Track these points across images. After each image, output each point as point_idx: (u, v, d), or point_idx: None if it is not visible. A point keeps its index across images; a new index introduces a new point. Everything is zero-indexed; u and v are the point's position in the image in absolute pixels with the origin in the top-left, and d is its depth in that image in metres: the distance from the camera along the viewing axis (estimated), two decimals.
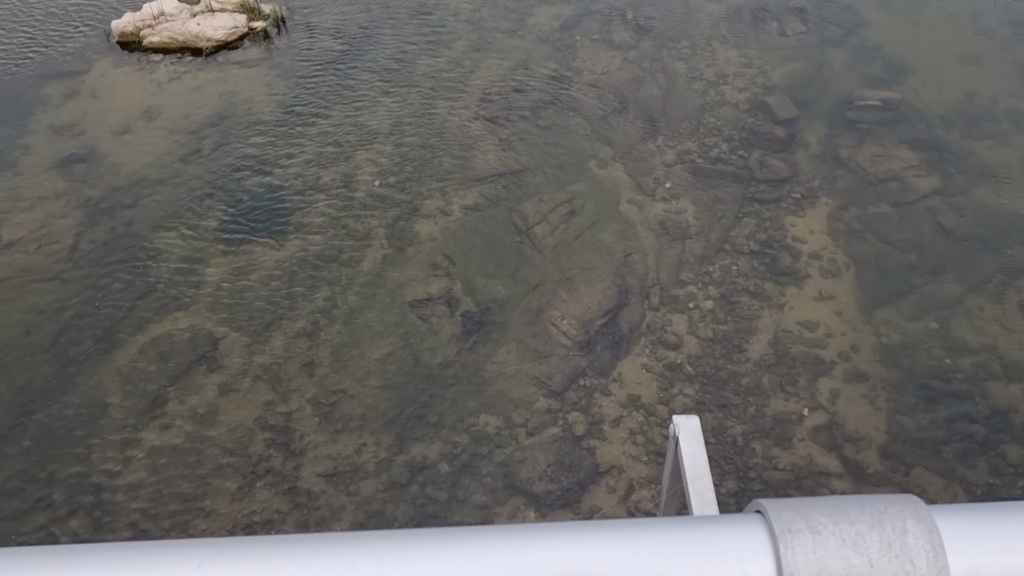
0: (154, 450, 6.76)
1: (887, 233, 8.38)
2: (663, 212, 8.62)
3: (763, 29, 10.91)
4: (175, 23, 10.78)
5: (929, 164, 9.04)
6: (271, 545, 0.95)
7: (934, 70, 10.20)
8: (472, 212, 8.59)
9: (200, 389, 7.16)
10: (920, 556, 0.89)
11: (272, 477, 6.61)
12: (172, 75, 10.36)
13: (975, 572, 0.90)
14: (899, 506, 0.94)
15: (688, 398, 7.11)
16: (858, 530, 0.91)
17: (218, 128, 9.59)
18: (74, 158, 9.25)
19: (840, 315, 7.69)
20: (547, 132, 9.49)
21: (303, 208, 8.63)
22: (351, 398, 7.09)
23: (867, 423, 6.94)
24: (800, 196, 8.77)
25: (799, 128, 9.51)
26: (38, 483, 6.55)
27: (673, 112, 9.72)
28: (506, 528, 0.97)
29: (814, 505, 0.95)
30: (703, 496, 1.73)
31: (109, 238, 8.39)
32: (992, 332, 7.53)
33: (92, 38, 10.93)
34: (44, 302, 7.82)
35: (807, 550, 0.90)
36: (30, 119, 9.76)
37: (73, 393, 7.13)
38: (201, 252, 8.24)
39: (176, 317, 7.68)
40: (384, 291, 7.86)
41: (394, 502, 6.46)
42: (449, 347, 7.45)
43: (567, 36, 10.84)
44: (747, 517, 0.96)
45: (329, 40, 10.85)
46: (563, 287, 7.90)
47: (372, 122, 9.63)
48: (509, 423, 6.94)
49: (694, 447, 1.82)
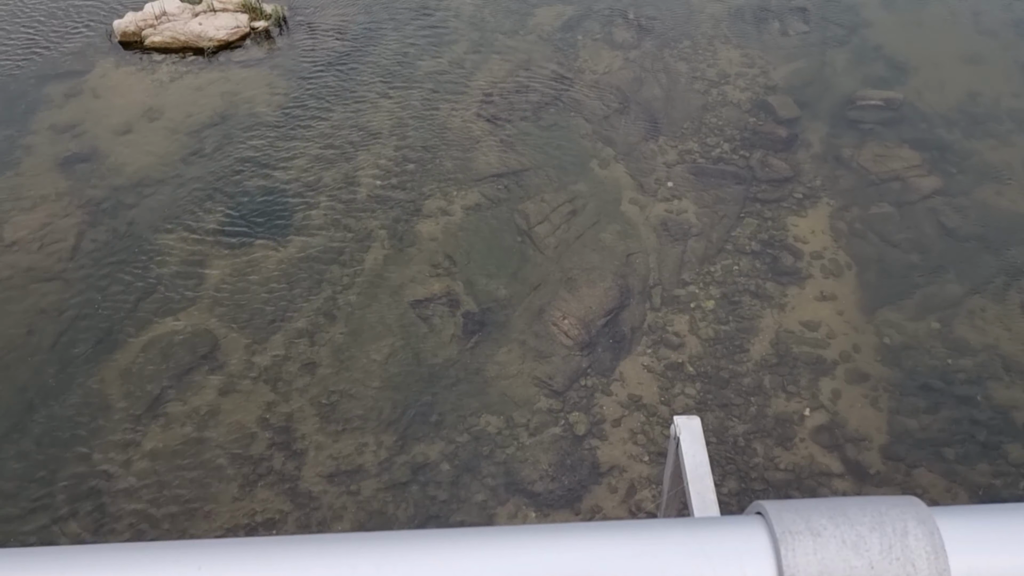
0: (155, 450, 6.76)
1: (889, 233, 8.37)
2: (665, 212, 8.61)
3: (765, 29, 10.90)
4: (177, 23, 10.78)
5: (931, 164, 9.02)
6: (272, 546, 0.94)
7: (936, 70, 10.18)
8: (473, 212, 8.59)
9: (201, 389, 7.16)
10: (921, 558, 0.89)
11: (273, 477, 6.61)
12: (174, 75, 10.37)
13: (976, 574, 0.89)
14: (900, 508, 0.93)
15: (689, 398, 7.10)
16: (859, 532, 0.91)
17: (220, 128, 9.59)
18: (76, 158, 9.26)
19: (842, 315, 7.68)
20: (548, 132, 9.48)
21: (304, 208, 8.63)
22: (352, 398, 7.09)
23: (869, 423, 6.93)
24: (802, 196, 8.77)
25: (801, 128, 9.50)
26: (39, 483, 6.55)
27: (675, 112, 9.71)
28: (506, 529, 0.96)
29: (815, 507, 0.94)
30: (704, 497, 1.73)
31: (111, 238, 8.40)
32: (994, 332, 7.52)
33: (94, 38, 10.94)
34: (46, 302, 7.83)
35: (808, 552, 0.90)
36: (32, 119, 9.77)
37: (74, 393, 7.14)
38: (202, 252, 8.24)
39: (177, 317, 7.68)
40: (385, 291, 7.86)
41: (395, 502, 6.46)
42: (450, 347, 7.45)
43: (569, 36, 10.83)
44: (748, 519, 0.96)
45: (331, 40, 10.86)
46: (564, 287, 7.90)
47: (373, 122, 9.63)
48: (510, 423, 6.94)
49: (695, 448, 1.82)
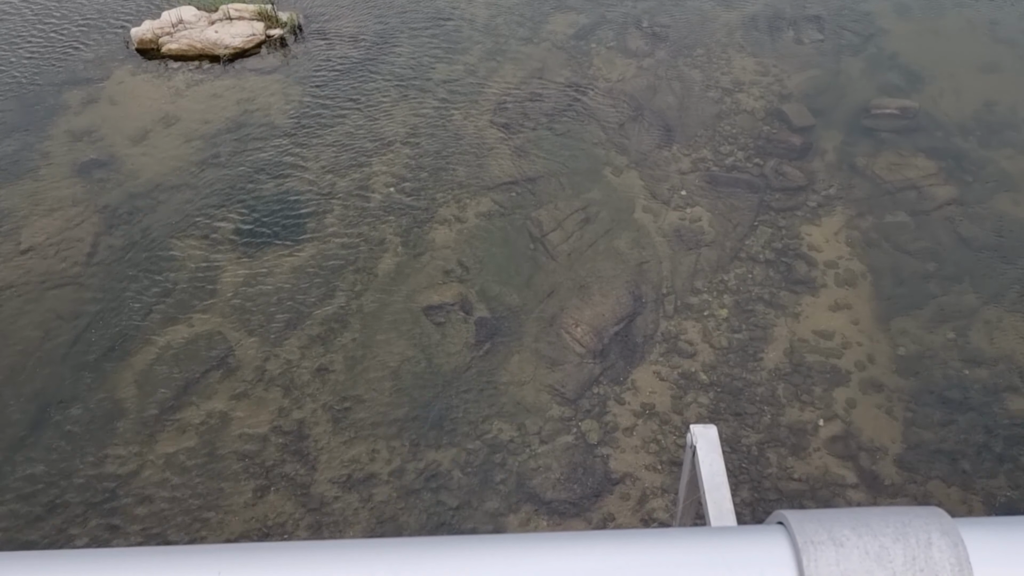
0: (169, 455, 6.79)
1: (904, 242, 8.32)
2: (678, 220, 8.60)
3: (779, 37, 10.88)
4: (193, 31, 10.87)
5: (947, 173, 8.97)
6: (290, 552, 0.95)
7: (952, 78, 10.13)
8: (487, 219, 8.60)
9: (215, 394, 7.19)
10: (945, 570, 0.88)
11: (286, 483, 6.63)
12: (190, 82, 10.45)
13: None
14: (924, 519, 0.92)
15: (702, 407, 7.07)
16: (882, 543, 0.90)
17: (235, 135, 9.65)
18: (93, 164, 9.34)
19: (856, 324, 7.63)
20: (562, 139, 9.49)
21: (318, 214, 8.67)
22: (365, 404, 7.10)
23: (884, 433, 6.88)
24: (816, 204, 8.73)
25: (815, 136, 9.47)
26: (54, 487, 6.59)
27: (688, 120, 9.70)
28: (521, 537, 0.96)
29: (837, 517, 0.94)
30: (720, 506, 1.72)
31: (127, 243, 8.46)
32: (1010, 342, 7.45)
33: (112, 46, 11.04)
34: (62, 307, 7.88)
35: (830, 563, 0.89)
36: (50, 126, 9.86)
37: (90, 398, 7.18)
38: (217, 257, 8.28)
39: (192, 322, 7.72)
40: (398, 297, 7.88)
41: (408, 509, 6.46)
42: (463, 354, 7.45)
43: (582, 44, 10.85)
44: (769, 528, 0.95)
45: (346, 47, 10.91)
46: (577, 294, 7.89)
47: (387, 129, 9.66)
48: (523, 430, 6.93)
49: (711, 456, 1.81)
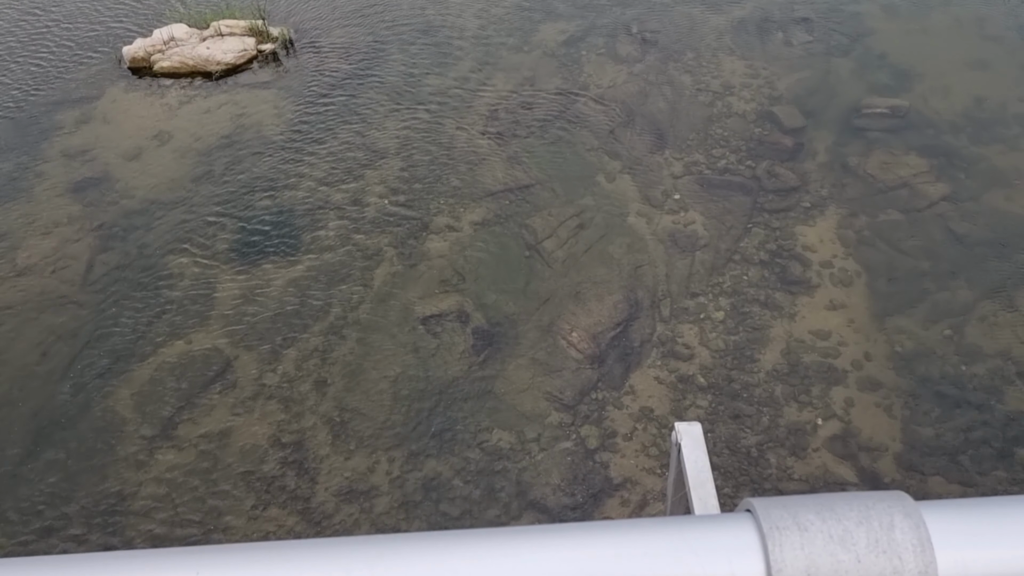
0: (169, 471, 6.79)
1: (898, 240, 8.34)
2: (672, 224, 8.62)
3: (768, 40, 10.93)
4: (185, 48, 10.92)
5: (939, 170, 9.00)
6: (268, 551, 0.95)
7: (942, 76, 10.18)
8: (481, 228, 8.62)
9: (214, 409, 7.20)
10: (908, 551, 0.89)
11: (286, 496, 6.62)
12: (183, 99, 10.49)
13: (963, 567, 0.90)
14: (887, 502, 0.94)
15: (701, 409, 7.08)
16: (845, 527, 0.91)
17: (228, 150, 9.68)
18: (87, 183, 9.36)
19: (852, 323, 7.65)
20: (555, 147, 9.53)
21: (313, 227, 8.69)
22: (363, 415, 7.11)
23: (882, 432, 6.88)
24: (809, 205, 8.76)
25: (807, 137, 9.51)
26: (54, 505, 6.59)
27: (680, 124, 9.74)
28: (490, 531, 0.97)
29: (803, 503, 0.95)
30: (706, 502, 1.73)
31: (122, 261, 8.48)
32: (1006, 338, 7.47)
33: (104, 65, 11.09)
34: (59, 326, 7.90)
35: (795, 547, 0.90)
36: (44, 145, 9.90)
37: (88, 415, 7.18)
38: (213, 273, 8.30)
39: (189, 338, 7.74)
40: (395, 308, 7.89)
41: (408, 519, 6.45)
42: (460, 363, 7.46)
43: (572, 51, 10.90)
44: (737, 516, 0.97)
45: (337, 61, 10.96)
46: (573, 301, 7.91)
47: (380, 141, 9.70)
48: (522, 438, 6.94)
49: (696, 453, 1.82)
